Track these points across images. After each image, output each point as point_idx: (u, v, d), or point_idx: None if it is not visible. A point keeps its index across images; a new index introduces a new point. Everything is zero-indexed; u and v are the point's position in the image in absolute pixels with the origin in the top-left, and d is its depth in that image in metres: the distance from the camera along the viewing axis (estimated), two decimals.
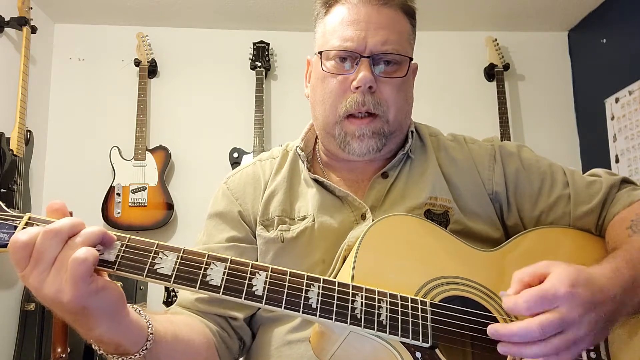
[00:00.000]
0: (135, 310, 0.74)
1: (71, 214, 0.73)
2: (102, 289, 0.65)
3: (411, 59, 0.98)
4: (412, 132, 1.05)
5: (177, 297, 1.02)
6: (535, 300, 0.69)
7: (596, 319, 0.71)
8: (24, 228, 0.68)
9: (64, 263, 0.63)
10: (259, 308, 1.02)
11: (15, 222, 0.69)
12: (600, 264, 0.79)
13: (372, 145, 0.96)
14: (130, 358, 0.71)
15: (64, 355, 1.97)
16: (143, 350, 0.72)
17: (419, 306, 0.76)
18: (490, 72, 3.11)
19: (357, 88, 0.94)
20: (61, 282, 0.63)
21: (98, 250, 0.67)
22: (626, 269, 0.78)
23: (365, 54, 0.94)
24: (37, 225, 0.68)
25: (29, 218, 0.69)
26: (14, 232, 0.67)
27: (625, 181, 1.01)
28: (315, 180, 1.01)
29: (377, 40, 0.94)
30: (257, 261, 0.99)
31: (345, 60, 0.96)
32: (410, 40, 1.00)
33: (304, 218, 0.99)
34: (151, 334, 0.73)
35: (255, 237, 1.02)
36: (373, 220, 0.93)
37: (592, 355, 0.79)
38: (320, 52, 0.98)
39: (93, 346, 0.70)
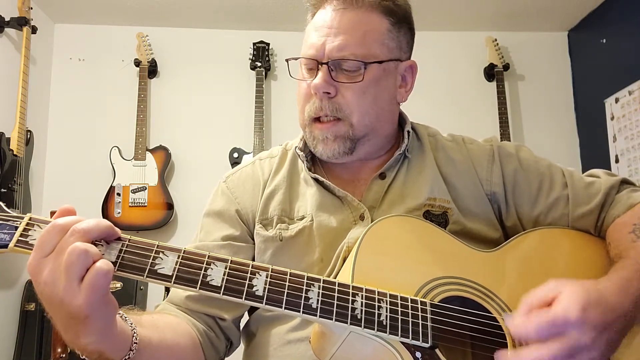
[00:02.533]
0: (122, 317, 0.74)
1: None
2: (109, 303, 0.66)
3: (372, 63, 0.94)
4: (408, 132, 1.04)
5: None
6: (545, 326, 0.67)
7: (608, 339, 0.69)
8: (24, 229, 0.68)
9: (69, 268, 0.63)
10: (254, 309, 1.02)
11: (16, 222, 0.69)
12: (609, 276, 0.79)
13: (336, 148, 0.96)
14: None
15: (64, 356, 1.97)
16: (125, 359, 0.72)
17: (419, 306, 0.76)
18: (490, 72, 3.10)
19: (315, 94, 0.95)
20: (73, 285, 0.62)
21: (99, 250, 0.67)
22: (636, 280, 0.77)
23: (323, 60, 0.94)
24: (39, 226, 0.69)
25: (30, 219, 0.69)
26: (14, 233, 0.68)
27: (625, 182, 1.01)
28: (316, 180, 1.01)
29: (334, 46, 0.93)
30: (253, 260, 1.00)
31: (308, 67, 0.97)
32: (383, 41, 0.96)
33: (302, 217, 0.99)
34: (135, 343, 0.73)
35: (251, 236, 1.03)
36: (371, 221, 0.94)
37: None
38: (287, 60, 1.01)
39: (75, 351, 0.69)
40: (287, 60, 1.00)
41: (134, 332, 0.74)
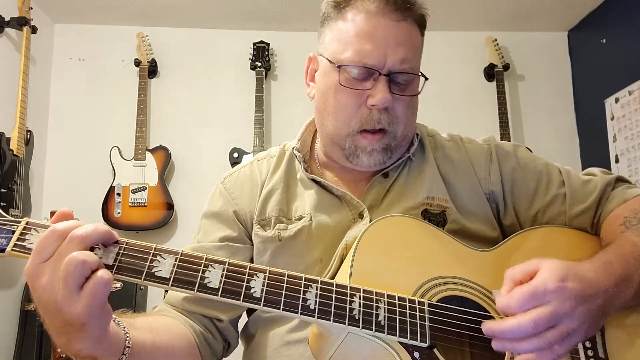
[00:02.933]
0: (115, 321, 0.74)
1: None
2: (107, 311, 0.67)
3: (426, 78, 0.98)
4: (416, 134, 1.05)
5: None
6: (526, 297, 0.70)
7: (587, 311, 0.72)
8: (21, 233, 0.68)
9: (67, 278, 0.63)
10: (253, 311, 1.02)
11: (12, 226, 0.69)
12: (591, 258, 0.80)
13: (379, 159, 0.96)
14: None
15: (64, 356, 1.97)
16: None
17: (417, 306, 0.77)
18: (490, 72, 3.10)
19: (373, 106, 0.92)
20: (72, 294, 0.63)
21: (96, 253, 0.67)
22: (617, 263, 0.79)
23: (383, 72, 0.91)
24: (36, 230, 0.69)
25: (27, 223, 0.69)
26: (11, 237, 0.67)
27: (620, 179, 1.02)
28: (313, 180, 1.02)
29: (397, 59, 0.91)
30: (252, 261, 1.00)
31: (363, 75, 0.93)
32: (421, 54, 1.00)
33: (300, 217, 0.99)
34: (128, 347, 0.74)
35: (249, 237, 1.03)
36: (370, 219, 0.94)
37: (590, 353, 0.80)
38: (339, 67, 0.94)
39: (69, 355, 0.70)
40: (339, 67, 0.93)
41: (127, 336, 0.74)
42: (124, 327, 0.75)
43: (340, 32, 0.95)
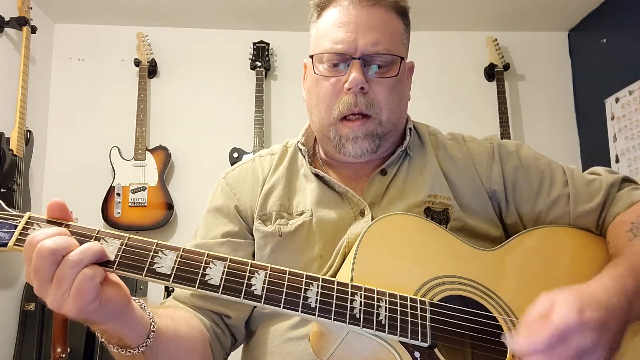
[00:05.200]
0: (141, 306, 0.76)
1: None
2: (106, 302, 0.67)
3: (403, 59, 0.98)
4: (410, 129, 1.05)
5: None
6: (551, 339, 0.67)
7: (609, 337, 0.70)
8: (23, 228, 0.68)
9: (62, 281, 0.64)
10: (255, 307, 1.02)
11: (15, 221, 0.69)
12: (599, 276, 0.79)
13: (366, 146, 0.96)
14: (129, 351, 0.73)
15: (64, 355, 1.97)
16: (143, 346, 0.74)
17: (418, 305, 0.76)
18: (490, 72, 3.10)
19: (349, 89, 0.94)
20: (62, 298, 0.64)
21: None
22: (629, 277, 0.77)
23: (355, 56, 0.93)
24: (38, 225, 0.69)
25: (29, 217, 0.70)
26: (14, 232, 0.68)
27: (626, 180, 1.01)
28: (316, 175, 1.02)
29: (368, 41, 0.93)
30: (253, 256, 0.99)
31: (337, 63, 0.96)
32: (403, 40, 1.00)
33: (302, 213, 0.99)
34: (153, 331, 0.75)
35: (250, 233, 1.03)
36: (372, 217, 0.94)
37: None
38: (311, 56, 0.99)
39: (97, 334, 0.73)
40: (311, 57, 0.99)
41: (152, 322, 0.76)
42: (149, 313, 0.76)
43: (318, 30, 1.01)
